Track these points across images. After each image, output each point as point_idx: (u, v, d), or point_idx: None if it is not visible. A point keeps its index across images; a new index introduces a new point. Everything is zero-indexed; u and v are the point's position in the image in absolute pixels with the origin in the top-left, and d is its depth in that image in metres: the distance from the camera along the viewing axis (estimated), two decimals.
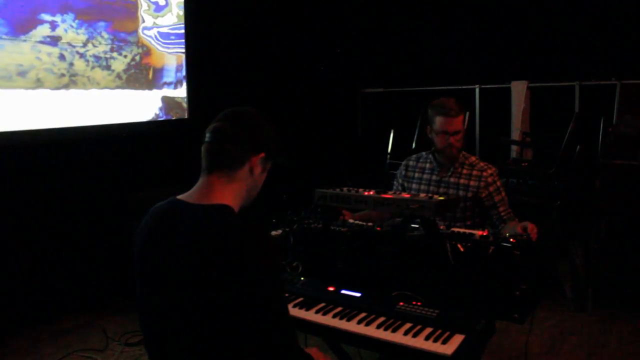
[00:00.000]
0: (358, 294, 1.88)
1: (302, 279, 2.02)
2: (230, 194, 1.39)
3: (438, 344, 1.58)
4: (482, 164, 2.64)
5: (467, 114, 2.70)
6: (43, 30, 3.42)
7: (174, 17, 4.23)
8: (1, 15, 3.22)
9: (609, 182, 3.74)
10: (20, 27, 3.31)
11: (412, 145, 4.90)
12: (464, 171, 2.62)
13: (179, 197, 1.41)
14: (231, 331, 1.24)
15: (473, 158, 2.67)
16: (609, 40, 4.60)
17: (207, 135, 1.42)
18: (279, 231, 2.21)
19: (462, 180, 2.60)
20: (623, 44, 4.54)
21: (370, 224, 2.16)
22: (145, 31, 4.03)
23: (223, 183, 1.39)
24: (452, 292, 1.79)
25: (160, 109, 4.21)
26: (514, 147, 4.78)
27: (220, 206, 1.34)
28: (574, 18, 4.77)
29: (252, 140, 1.41)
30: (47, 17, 3.43)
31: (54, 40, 3.47)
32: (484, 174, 2.59)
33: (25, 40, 3.34)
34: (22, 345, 3.23)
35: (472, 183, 2.59)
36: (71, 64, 3.58)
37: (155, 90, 4.14)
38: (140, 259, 1.39)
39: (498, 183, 2.60)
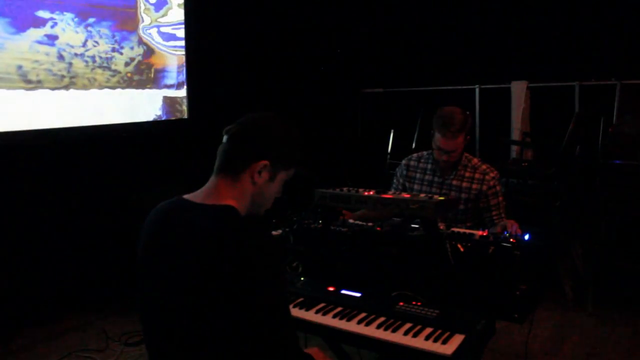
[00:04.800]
0: (358, 294, 1.88)
1: (302, 279, 2.02)
2: (234, 196, 1.38)
3: (438, 344, 1.58)
4: (484, 166, 2.63)
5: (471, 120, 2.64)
6: (41, 30, 3.42)
7: (174, 17, 4.23)
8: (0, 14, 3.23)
9: (609, 182, 3.74)
10: (18, 26, 3.31)
11: (412, 145, 4.90)
12: (467, 174, 2.62)
13: (185, 196, 1.41)
14: (231, 332, 1.24)
15: (475, 160, 2.66)
16: (609, 40, 4.60)
17: (223, 136, 1.42)
18: (279, 231, 2.21)
19: (464, 184, 2.60)
20: (623, 44, 4.54)
21: (370, 224, 2.17)
22: (146, 31, 4.03)
23: (228, 185, 1.39)
24: (452, 292, 1.79)
25: (161, 109, 4.21)
26: (514, 147, 4.78)
27: (224, 207, 1.34)
28: (574, 18, 4.77)
29: (254, 146, 1.39)
30: (45, 15, 3.43)
31: (51, 40, 3.47)
32: (487, 177, 2.59)
33: (23, 40, 3.33)
34: (22, 345, 3.23)
35: (474, 186, 2.58)
36: (70, 64, 3.58)
37: (155, 90, 4.14)
38: (143, 256, 1.39)
39: (497, 187, 2.60)
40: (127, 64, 3.93)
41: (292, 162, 1.47)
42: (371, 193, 2.04)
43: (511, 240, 1.84)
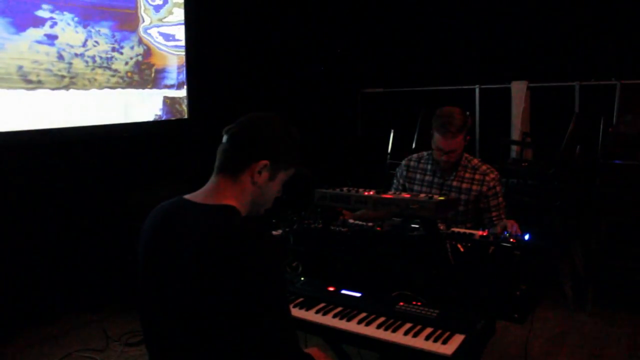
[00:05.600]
0: (358, 294, 1.88)
1: (302, 279, 2.02)
2: (234, 196, 1.38)
3: (438, 344, 1.58)
4: (484, 167, 2.62)
5: (470, 120, 2.63)
6: (41, 29, 3.42)
7: (174, 17, 4.23)
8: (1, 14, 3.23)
9: (609, 182, 3.74)
10: (18, 26, 3.31)
11: (412, 145, 4.90)
12: (467, 175, 2.61)
13: (185, 196, 1.41)
14: (231, 331, 1.24)
15: (476, 161, 2.66)
16: (609, 40, 4.60)
17: (223, 136, 1.43)
18: (279, 231, 2.21)
19: (464, 185, 2.60)
20: (623, 44, 4.54)
21: (370, 224, 2.16)
22: (146, 31, 4.03)
23: (228, 185, 1.39)
24: (452, 292, 1.79)
25: (161, 109, 4.20)
26: (514, 147, 4.78)
27: (225, 206, 1.35)
28: (574, 18, 4.77)
29: (254, 146, 1.39)
30: (45, 15, 3.43)
31: (51, 40, 3.47)
32: (487, 178, 2.58)
33: (23, 40, 3.33)
34: (22, 345, 3.23)
35: (474, 187, 2.58)
36: (70, 64, 3.58)
37: (156, 90, 4.14)
38: (144, 256, 1.40)
39: (497, 188, 2.59)
40: (127, 64, 3.93)
41: (291, 161, 1.47)
42: (371, 193, 2.04)
43: (511, 240, 1.84)
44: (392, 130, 5.16)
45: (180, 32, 4.27)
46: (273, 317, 1.25)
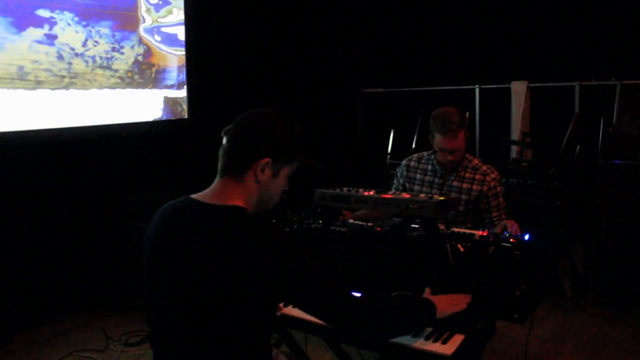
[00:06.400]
0: (358, 294, 1.87)
1: None
2: (241, 197, 1.40)
3: (438, 344, 1.58)
4: (485, 167, 2.62)
5: (469, 115, 2.63)
6: (41, 29, 3.42)
7: (175, 17, 4.23)
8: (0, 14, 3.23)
9: (609, 182, 3.74)
10: (18, 26, 3.31)
11: (412, 145, 4.90)
12: (467, 175, 2.61)
13: (192, 195, 1.43)
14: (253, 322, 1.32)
15: (476, 161, 2.66)
16: (609, 40, 4.59)
17: (223, 138, 1.44)
18: None
19: (464, 185, 2.60)
20: (623, 44, 4.54)
21: (370, 224, 2.17)
22: (146, 31, 4.03)
23: (233, 186, 1.40)
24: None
25: (162, 109, 4.20)
26: (514, 147, 4.78)
27: (233, 207, 1.36)
28: (574, 18, 4.77)
29: (253, 145, 1.40)
30: (45, 14, 3.43)
31: (51, 39, 3.47)
32: (487, 178, 2.58)
33: (22, 39, 3.33)
34: (22, 345, 3.23)
35: (474, 187, 2.58)
36: (70, 64, 3.58)
37: (156, 90, 4.14)
38: (153, 255, 1.40)
39: (498, 189, 2.59)
40: (127, 64, 3.93)
41: (293, 156, 1.47)
42: (371, 193, 2.04)
43: (511, 240, 1.84)
44: (392, 130, 5.16)
45: (180, 32, 4.27)
46: (318, 284, 1.38)
